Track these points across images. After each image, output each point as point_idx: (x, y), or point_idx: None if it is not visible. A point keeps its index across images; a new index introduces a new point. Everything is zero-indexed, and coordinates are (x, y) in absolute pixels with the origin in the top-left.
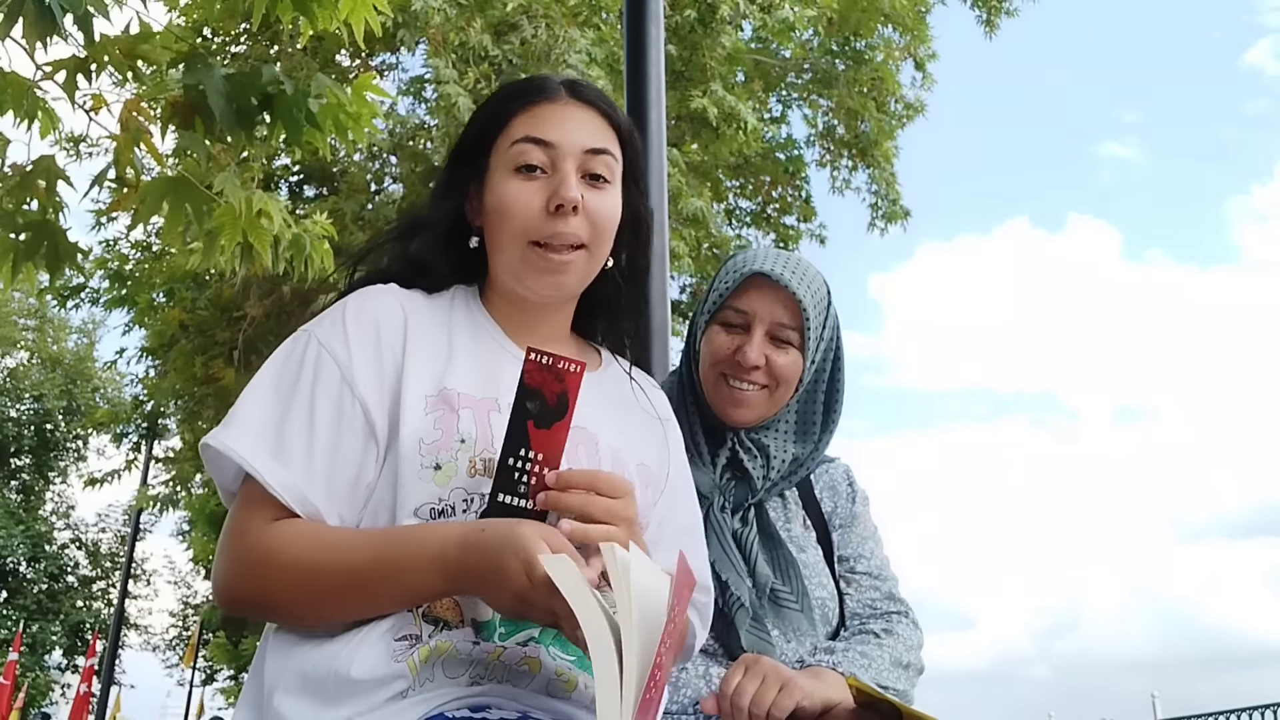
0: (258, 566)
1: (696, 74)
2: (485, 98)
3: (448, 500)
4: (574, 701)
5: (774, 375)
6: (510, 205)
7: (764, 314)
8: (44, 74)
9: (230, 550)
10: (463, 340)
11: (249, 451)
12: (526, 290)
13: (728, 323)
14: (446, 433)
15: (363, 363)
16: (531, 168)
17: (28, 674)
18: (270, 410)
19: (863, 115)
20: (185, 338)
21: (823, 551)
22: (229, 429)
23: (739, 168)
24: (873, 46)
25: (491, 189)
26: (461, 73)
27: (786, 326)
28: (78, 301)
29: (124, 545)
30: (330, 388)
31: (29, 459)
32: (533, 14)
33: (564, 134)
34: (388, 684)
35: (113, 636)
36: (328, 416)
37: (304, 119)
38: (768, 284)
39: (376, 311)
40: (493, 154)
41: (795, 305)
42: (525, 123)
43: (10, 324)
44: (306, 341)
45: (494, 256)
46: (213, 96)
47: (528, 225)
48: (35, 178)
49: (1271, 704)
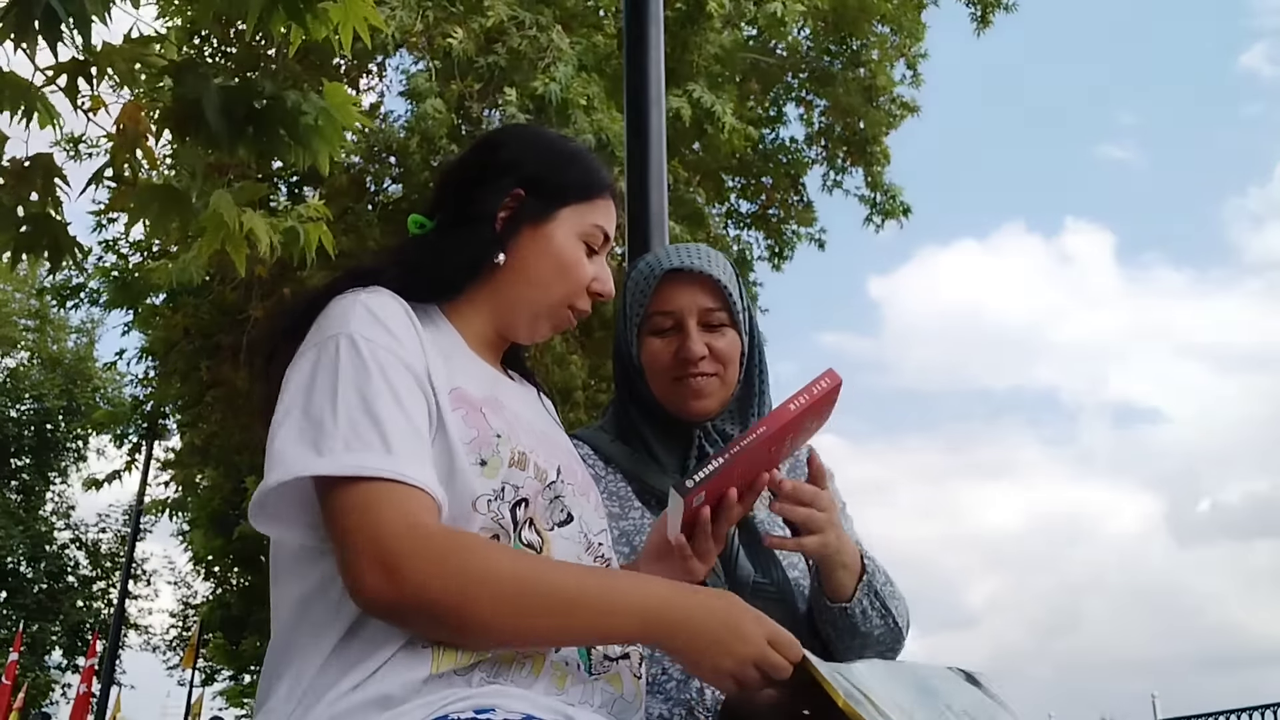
0: (458, 573)
1: (685, 71)
2: (493, 128)
3: (498, 492)
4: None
5: (719, 359)
6: (576, 272)
7: (689, 306)
8: (45, 78)
9: (403, 547)
10: (433, 351)
11: (360, 459)
12: (514, 330)
13: (658, 329)
14: (481, 429)
15: (412, 353)
16: (592, 250)
17: (28, 674)
18: (355, 415)
19: (859, 114)
20: (187, 341)
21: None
22: (288, 463)
23: (738, 168)
24: (867, 46)
25: (559, 238)
26: (445, 84)
27: (714, 309)
28: (77, 301)
29: (124, 545)
30: (403, 376)
31: (29, 459)
32: (522, 23)
33: (611, 233)
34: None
35: (113, 636)
36: (416, 404)
37: (290, 135)
38: (682, 277)
39: (396, 310)
40: (569, 210)
41: (715, 287)
42: (604, 211)
43: (10, 324)
44: (351, 341)
45: (515, 285)
46: (208, 109)
47: (577, 292)
48: (34, 174)
49: (1271, 704)
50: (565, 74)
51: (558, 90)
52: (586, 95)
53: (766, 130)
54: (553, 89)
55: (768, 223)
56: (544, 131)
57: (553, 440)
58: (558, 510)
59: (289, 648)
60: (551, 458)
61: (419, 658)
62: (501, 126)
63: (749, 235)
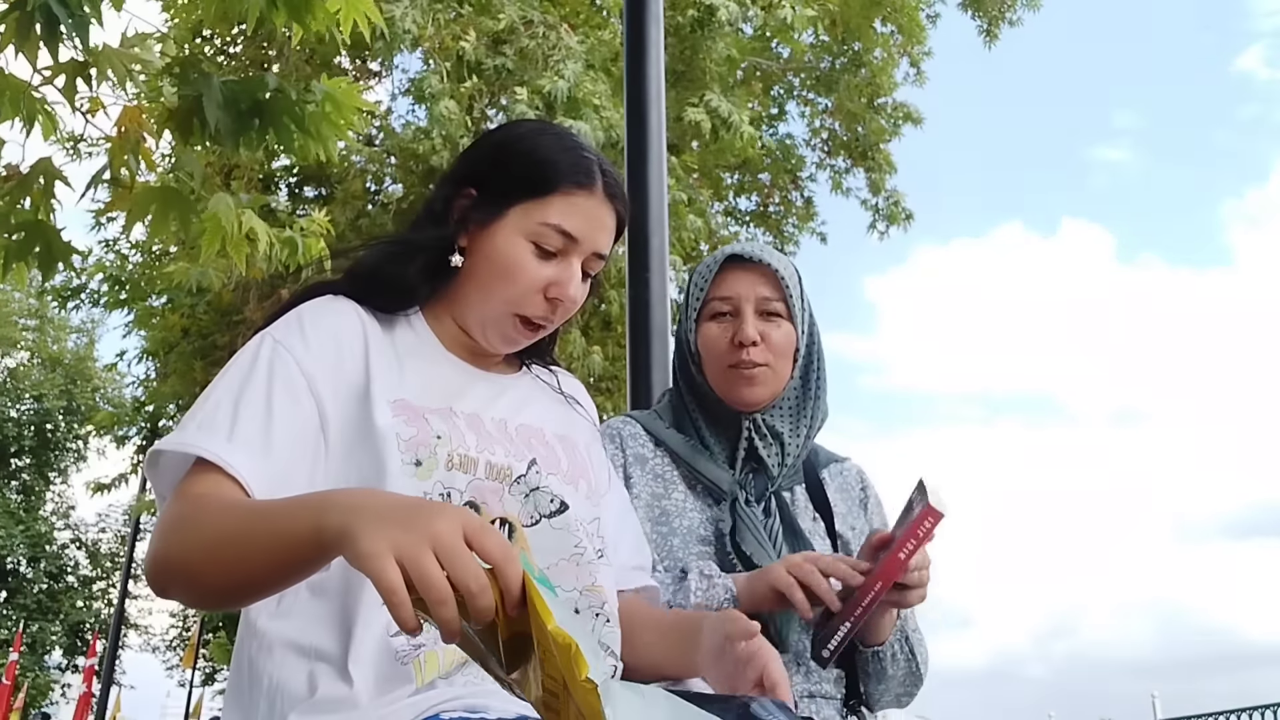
0: (183, 535)
1: (696, 76)
2: (498, 126)
3: (431, 494)
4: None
5: (772, 348)
6: (520, 275)
7: (748, 293)
8: (43, 79)
9: (162, 516)
10: (408, 357)
11: (202, 439)
12: (481, 338)
13: (717, 314)
14: (421, 430)
15: (320, 359)
16: (548, 248)
17: (28, 674)
18: (224, 404)
19: (861, 118)
20: (186, 342)
21: (831, 545)
22: (179, 430)
23: (739, 167)
24: (868, 48)
25: (502, 243)
26: (456, 84)
27: (771, 299)
28: (78, 303)
29: (124, 545)
30: (288, 380)
31: (29, 459)
32: (530, 22)
33: (588, 233)
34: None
35: (113, 637)
36: (285, 408)
37: (295, 125)
38: (743, 265)
39: (335, 319)
40: (518, 210)
41: (774, 278)
42: (562, 208)
43: (10, 324)
44: (261, 341)
45: (472, 291)
46: (210, 107)
47: (526, 299)
48: (33, 179)
49: (1271, 704)
50: (574, 71)
51: (565, 88)
52: (595, 94)
53: (766, 129)
54: (560, 86)
55: (767, 219)
56: (523, 126)
57: (533, 434)
58: (544, 502)
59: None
60: (522, 452)
61: (402, 674)
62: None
63: (748, 232)
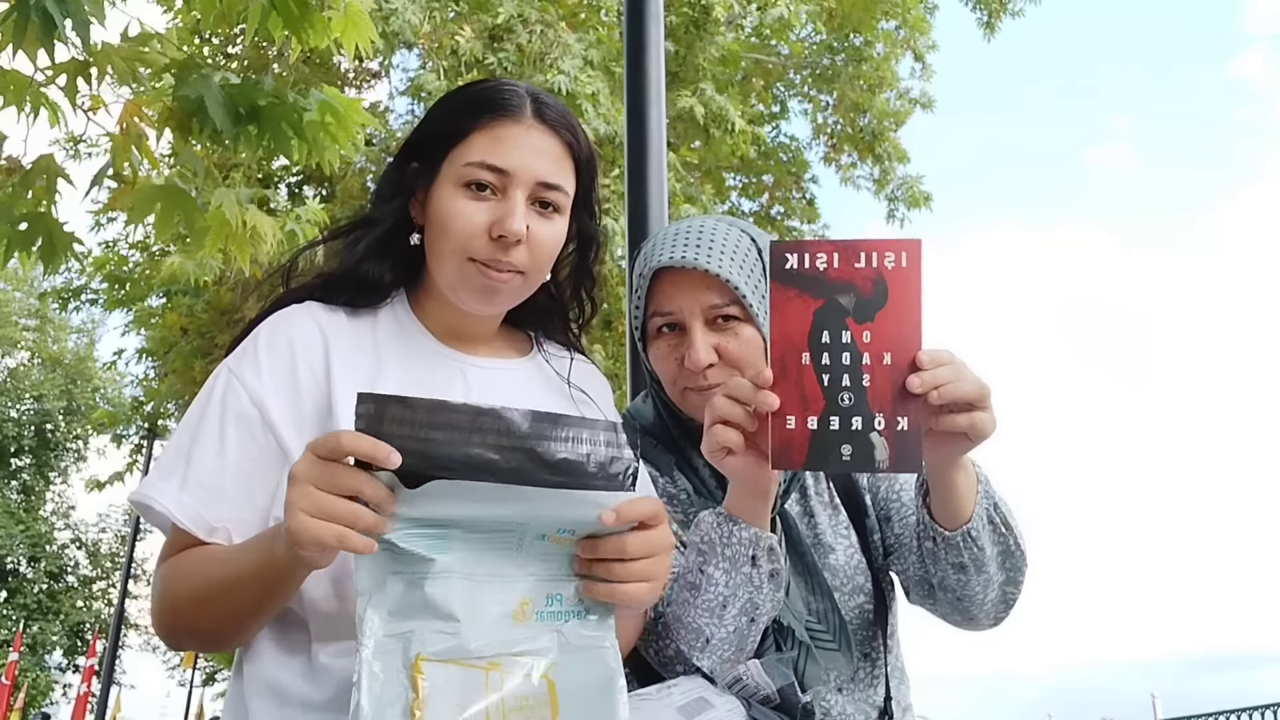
0: (172, 601)
1: (690, 74)
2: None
3: None
4: None
5: (733, 363)
6: (454, 222)
7: (690, 305)
8: (45, 78)
9: (154, 588)
10: (390, 351)
11: (156, 490)
12: (459, 302)
13: (660, 329)
14: None
15: (275, 387)
16: (482, 187)
17: (28, 674)
18: (181, 448)
19: (865, 109)
20: (185, 341)
21: (860, 523)
22: (148, 476)
23: (740, 167)
24: (870, 42)
25: (438, 199)
26: (451, 80)
27: (720, 305)
28: (78, 303)
29: (124, 545)
30: (240, 415)
31: (29, 459)
32: (527, 20)
33: (521, 162)
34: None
35: (113, 636)
36: (237, 443)
37: (292, 131)
38: (678, 273)
39: (291, 334)
40: (445, 163)
41: (718, 281)
42: (483, 143)
43: (10, 324)
44: (217, 374)
45: (431, 262)
46: (212, 108)
47: (469, 244)
48: (35, 176)
49: (1271, 704)
50: (573, 67)
51: (566, 83)
52: (593, 90)
53: (768, 128)
54: (560, 81)
55: (771, 221)
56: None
57: None
58: None
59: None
60: None
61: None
62: None
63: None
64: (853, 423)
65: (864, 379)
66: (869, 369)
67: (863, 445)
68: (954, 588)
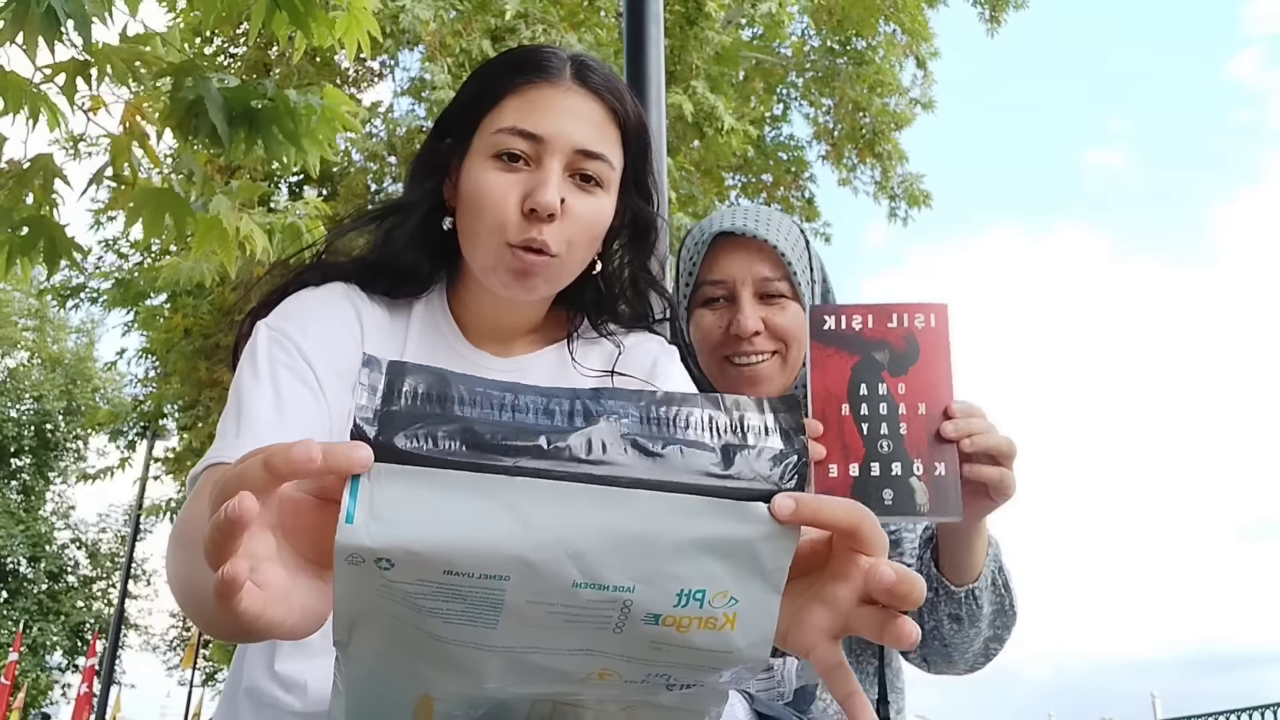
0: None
1: (684, 72)
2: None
3: None
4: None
5: (778, 335)
6: (484, 198)
7: (743, 274)
8: (44, 77)
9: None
10: (414, 350)
11: (213, 454)
12: (495, 288)
13: (709, 299)
14: None
15: (320, 352)
16: (515, 157)
17: (28, 674)
18: (231, 407)
19: (866, 110)
20: (187, 341)
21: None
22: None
23: (740, 167)
24: (873, 47)
25: (468, 174)
26: (457, 78)
27: (772, 279)
28: (78, 302)
29: (124, 545)
30: (290, 365)
31: (29, 459)
32: (530, 19)
33: (557, 126)
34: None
35: (113, 637)
36: (290, 388)
37: (285, 136)
38: (736, 242)
39: (330, 303)
40: (477, 134)
41: (773, 254)
42: (517, 107)
43: (10, 324)
44: (257, 331)
45: (464, 245)
46: (211, 110)
47: (501, 222)
48: (33, 175)
49: (1271, 704)
50: None
51: None
52: None
53: (768, 129)
54: None
55: None
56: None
57: None
58: None
59: None
60: None
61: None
62: None
63: None
64: (893, 468)
65: (901, 427)
66: (905, 418)
67: (903, 490)
68: (944, 636)
